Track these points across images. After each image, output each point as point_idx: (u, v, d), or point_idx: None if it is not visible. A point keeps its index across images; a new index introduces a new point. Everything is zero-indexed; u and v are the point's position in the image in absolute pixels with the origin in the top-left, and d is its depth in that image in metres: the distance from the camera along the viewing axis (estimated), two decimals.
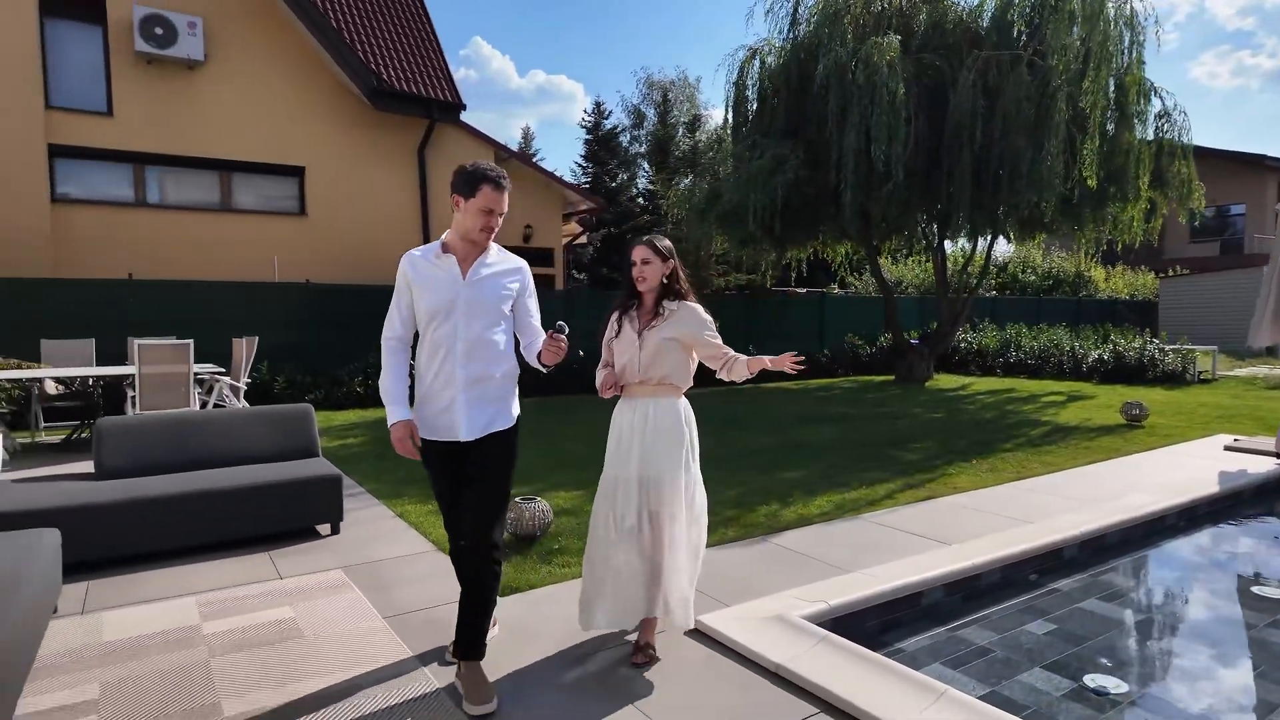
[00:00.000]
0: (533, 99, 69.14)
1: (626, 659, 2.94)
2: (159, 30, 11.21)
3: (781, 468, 6.56)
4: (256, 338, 8.71)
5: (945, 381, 14.50)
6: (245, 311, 10.39)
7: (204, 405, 8.05)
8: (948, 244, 14.91)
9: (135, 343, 7.03)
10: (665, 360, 2.92)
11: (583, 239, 21.04)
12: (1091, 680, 3.02)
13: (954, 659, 3.23)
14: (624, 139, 33.92)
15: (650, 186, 28.92)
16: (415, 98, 13.00)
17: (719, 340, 2.99)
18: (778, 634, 3.00)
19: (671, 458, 2.88)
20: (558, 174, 32.21)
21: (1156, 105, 12.28)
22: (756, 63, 13.28)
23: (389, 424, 2.72)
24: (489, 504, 2.74)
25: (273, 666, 2.89)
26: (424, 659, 2.97)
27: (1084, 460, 6.82)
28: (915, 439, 7.99)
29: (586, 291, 15.05)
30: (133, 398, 7.17)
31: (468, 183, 2.68)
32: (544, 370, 2.84)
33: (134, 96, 11.38)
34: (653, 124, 33.11)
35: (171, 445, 4.70)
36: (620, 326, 3.03)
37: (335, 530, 4.66)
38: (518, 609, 3.48)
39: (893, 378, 15.09)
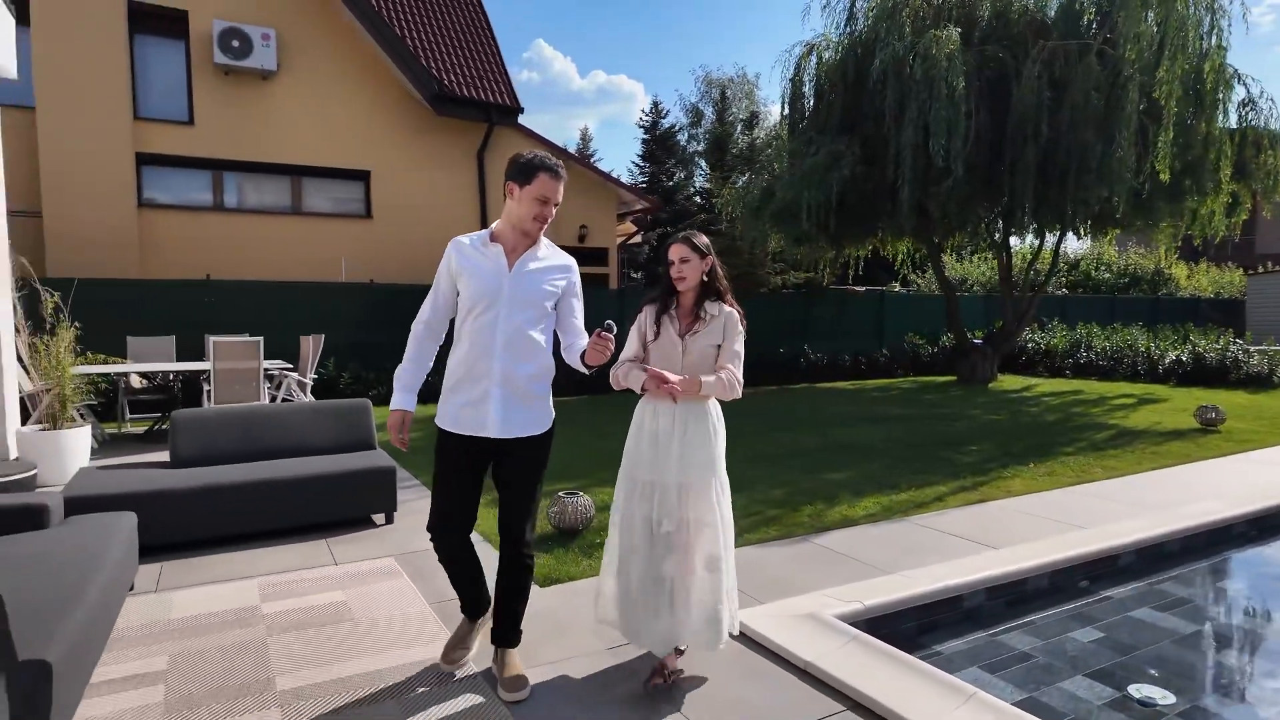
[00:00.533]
0: (593, 100, 69.74)
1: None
2: (235, 43, 11.79)
3: (828, 468, 6.51)
4: (323, 335, 9.09)
5: (1009, 383, 14.06)
6: (313, 310, 10.84)
7: (273, 399, 8.45)
8: (1013, 240, 14.47)
9: (210, 340, 7.44)
10: (706, 367, 2.82)
11: (637, 238, 21.11)
12: (1137, 690, 2.94)
13: (992, 663, 3.18)
14: (681, 138, 33.91)
15: (707, 185, 28.86)
16: (475, 102, 13.32)
17: (739, 351, 2.85)
18: (809, 632, 3.02)
19: (708, 464, 2.77)
20: (614, 174, 32.45)
21: (1240, 93, 11.66)
22: (813, 59, 13.13)
23: (390, 407, 2.73)
24: (525, 507, 2.75)
25: (324, 646, 3.05)
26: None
27: (1150, 466, 6.55)
28: (971, 441, 7.80)
29: (640, 291, 15.09)
30: (208, 391, 7.58)
31: (524, 171, 2.61)
32: (586, 371, 2.74)
33: (212, 106, 12.00)
34: (711, 122, 33.02)
35: (240, 437, 4.98)
36: (660, 328, 2.88)
37: (389, 520, 4.85)
38: (556, 600, 3.58)
39: (954, 378, 14.72)
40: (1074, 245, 24.94)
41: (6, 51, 6.04)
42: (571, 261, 2.85)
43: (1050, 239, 13.50)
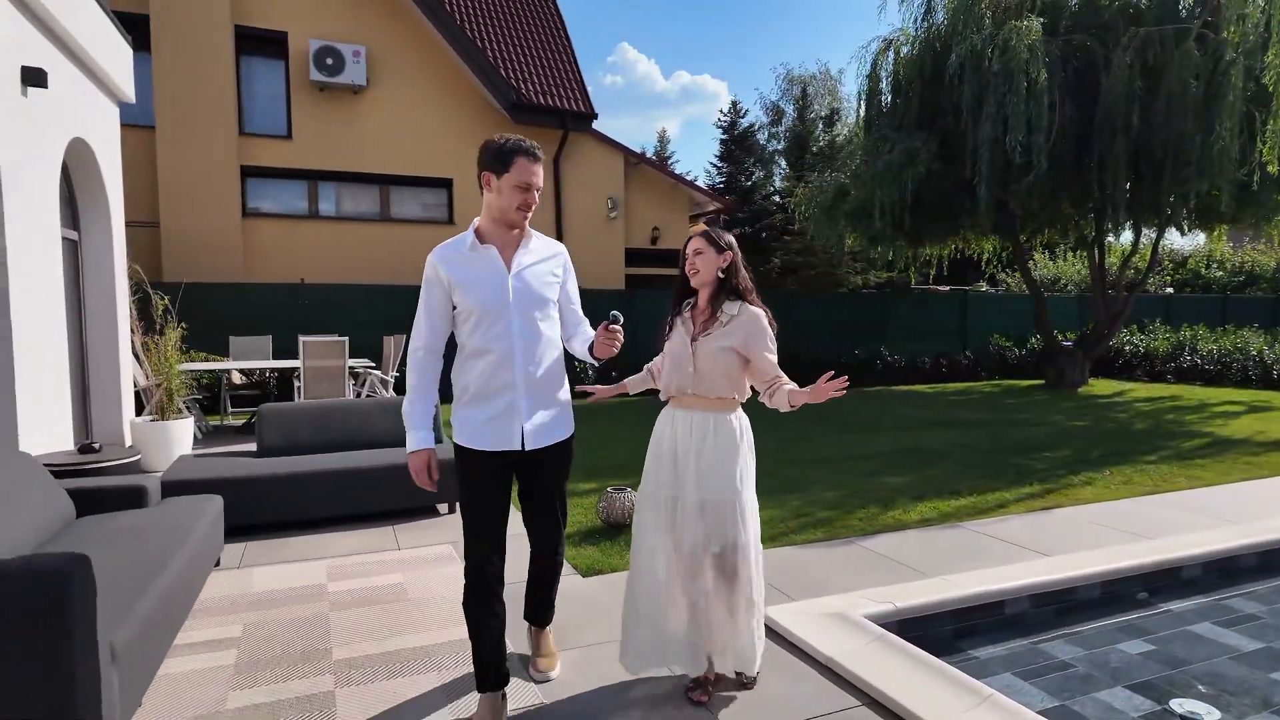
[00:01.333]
0: (677, 100, 69.97)
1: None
2: (329, 60, 12.55)
3: (891, 472, 6.42)
4: (404, 336, 9.59)
5: (1101, 387, 13.36)
6: (397, 311, 11.40)
7: (357, 395, 8.98)
8: (1110, 238, 13.73)
9: (301, 339, 7.99)
10: (721, 372, 2.59)
11: None
12: (1179, 705, 2.85)
13: (1028, 670, 3.13)
14: (761, 136, 33.62)
15: (786, 183, 28.52)
16: (551, 110, 13.70)
17: (774, 359, 2.64)
18: (835, 630, 3.06)
19: (731, 481, 2.56)
20: (691, 175, 32.41)
21: None
22: (891, 54, 12.87)
23: (409, 450, 2.49)
24: (559, 515, 2.70)
25: (379, 623, 3.31)
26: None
27: (1240, 476, 6.16)
28: (1047, 447, 7.51)
29: None
30: (299, 387, 8.15)
31: (499, 157, 2.41)
32: (595, 364, 2.79)
33: (308, 120, 12.81)
34: (791, 120, 32.61)
35: (319, 429, 5.37)
36: (672, 326, 2.72)
37: (451, 509, 5.14)
38: (598, 587, 3.74)
39: (1041, 382, 14.10)
40: (1181, 242, 23.34)
41: (125, 78, 6.70)
42: (561, 247, 2.70)
43: (1148, 235, 12.75)
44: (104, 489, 3.74)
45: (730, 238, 2.69)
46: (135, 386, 7.18)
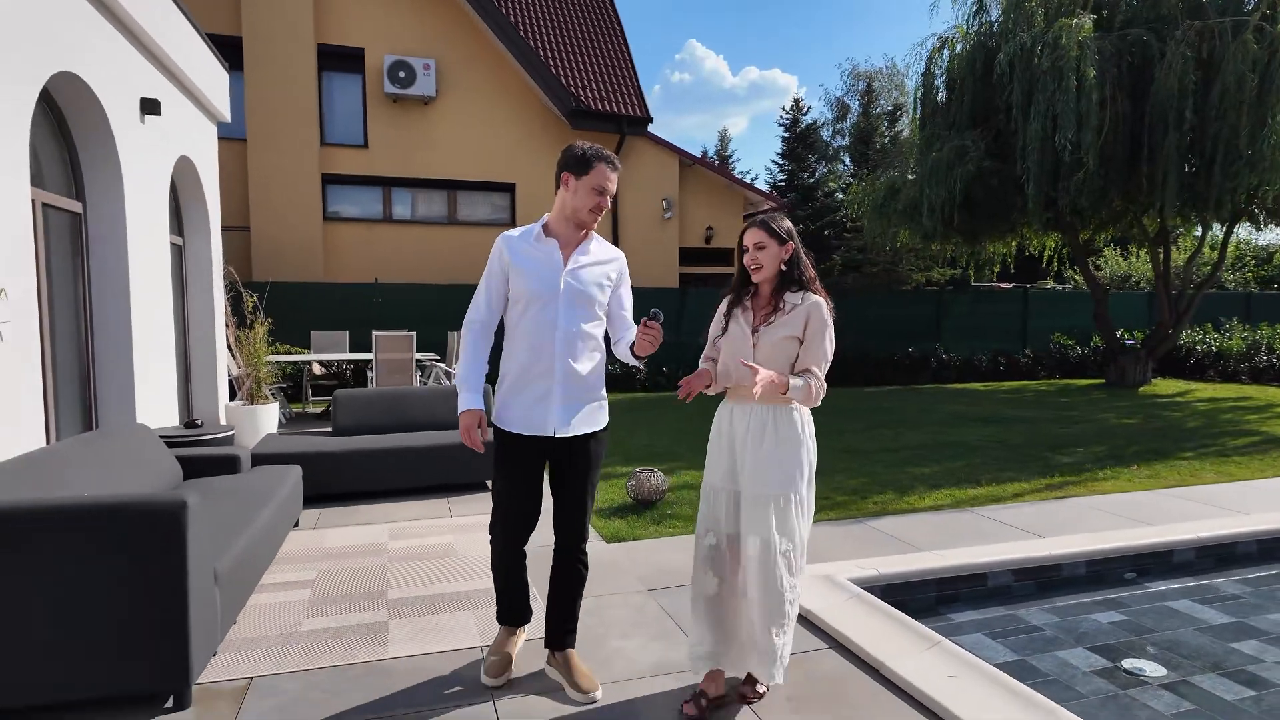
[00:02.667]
0: (745, 97, 69.86)
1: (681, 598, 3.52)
2: (402, 74, 13.40)
3: (918, 464, 6.68)
4: None
5: (1165, 387, 13.05)
6: (463, 309, 12.10)
7: (423, 385, 9.73)
8: (1178, 233, 13.38)
9: (375, 334, 8.75)
10: (783, 363, 2.47)
11: None
12: (1130, 663, 3.13)
13: (998, 632, 3.45)
14: (826, 133, 33.43)
15: (850, 180, 28.36)
16: (608, 115, 14.24)
17: (826, 356, 2.49)
18: (819, 589, 3.45)
19: (788, 477, 2.46)
20: (753, 174, 32.35)
21: None
22: (946, 52, 12.90)
23: (461, 410, 2.63)
24: (586, 506, 2.71)
25: (428, 573, 3.87)
26: (534, 580, 3.80)
27: (1273, 474, 6.17)
28: (1083, 443, 7.59)
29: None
30: (371, 378, 8.92)
31: (581, 162, 2.58)
32: (637, 362, 2.70)
33: (383, 130, 13.71)
34: (856, 116, 32.33)
35: (386, 412, 6.03)
36: (728, 322, 2.60)
37: None
38: (619, 553, 4.21)
39: (1102, 381, 13.86)
40: (1267, 238, 22.22)
41: (223, 101, 7.54)
42: (620, 254, 2.79)
43: (1217, 230, 12.40)
44: (206, 457, 4.44)
45: (789, 225, 2.54)
46: (229, 375, 8.05)
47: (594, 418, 2.69)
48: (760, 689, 2.63)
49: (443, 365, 9.96)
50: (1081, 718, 2.44)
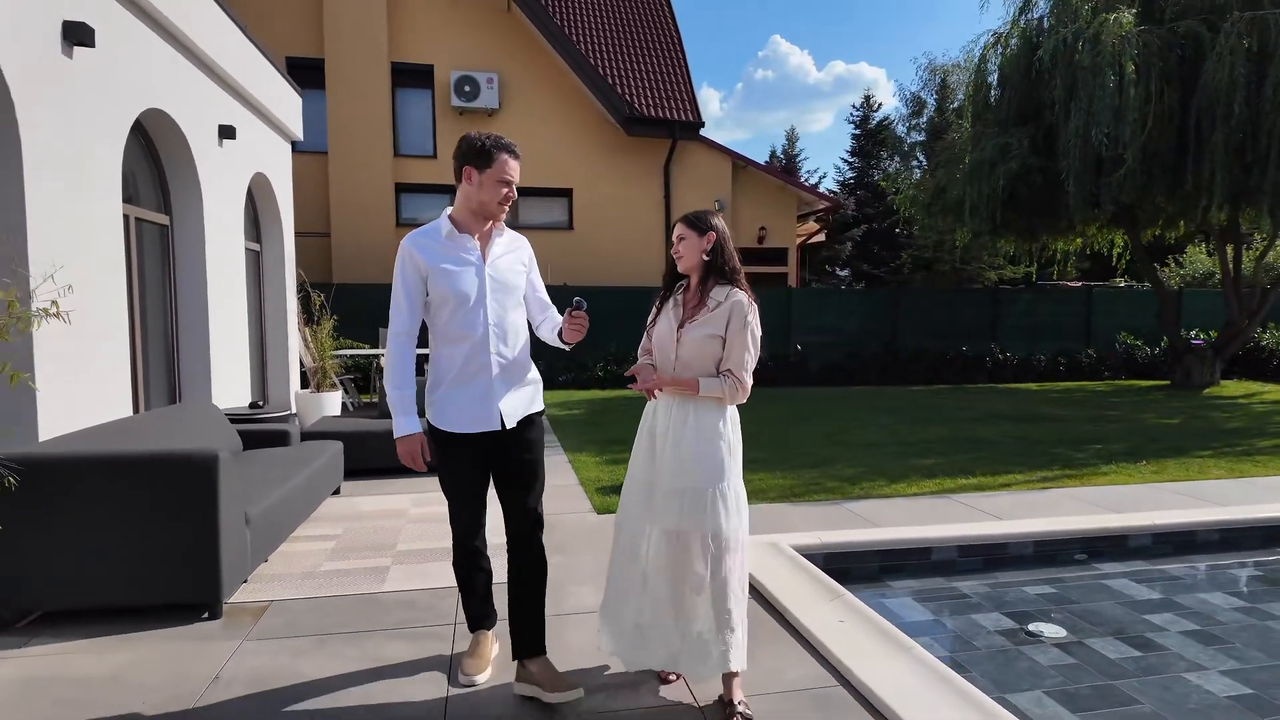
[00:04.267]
0: (831, 92, 69.10)
1: None
2: (467, 87, 14.32)
3: (923, 456, 6.91)
4: None
5: (1233, 389, 12.55)
6: None
7: None
8: (1244, 229, 12.81)
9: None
10: (705, 360, 2.51)
11: (820, 236, 21.31)
12: (1034, 626, 3.43)
13: (926, 597, 3.79)
14: (901, 129, 32.87)
15: (898, 178, 27.89)
16: (661, 121, 14.75)
17: (749, 354, 2.51)
18: (761, 553, 3.87)
19: (712, 470, 2.47)
20: (821, 172, 32.20)
21: None
22: (999, 48, 12.80)
23: (398, 435, 2.55)
24: (538, 486, 2.69)
25: (434, 533, 4.49)
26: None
27: None
28: (1105, 441, 7.61)
29: (805, 292, 15.38)
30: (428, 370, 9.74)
31: (483, 154, 2.49)
32: (566, 348, 2.76)
33: (449, 141, 14.65)
34: (932, 112, 31.70)
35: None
36: (660, 312, 2.67)
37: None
38: (606, 521, 4.73)
39: (1167, 383, 13.41)
40: None
41: (295, 122, 8.48)
42: (524, 239, 2.81)
43: None
44: (262, 432, 5.22)
45: (716, 220, 2.59)
46: (302, 366, 9.01)
47: (534, 401, 2.72)
48: (744, 707, 2.46)
49: None
50: (974, 670, 2.83)
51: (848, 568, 4.03)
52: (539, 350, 2.81)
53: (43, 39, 3.94)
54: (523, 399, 2.67)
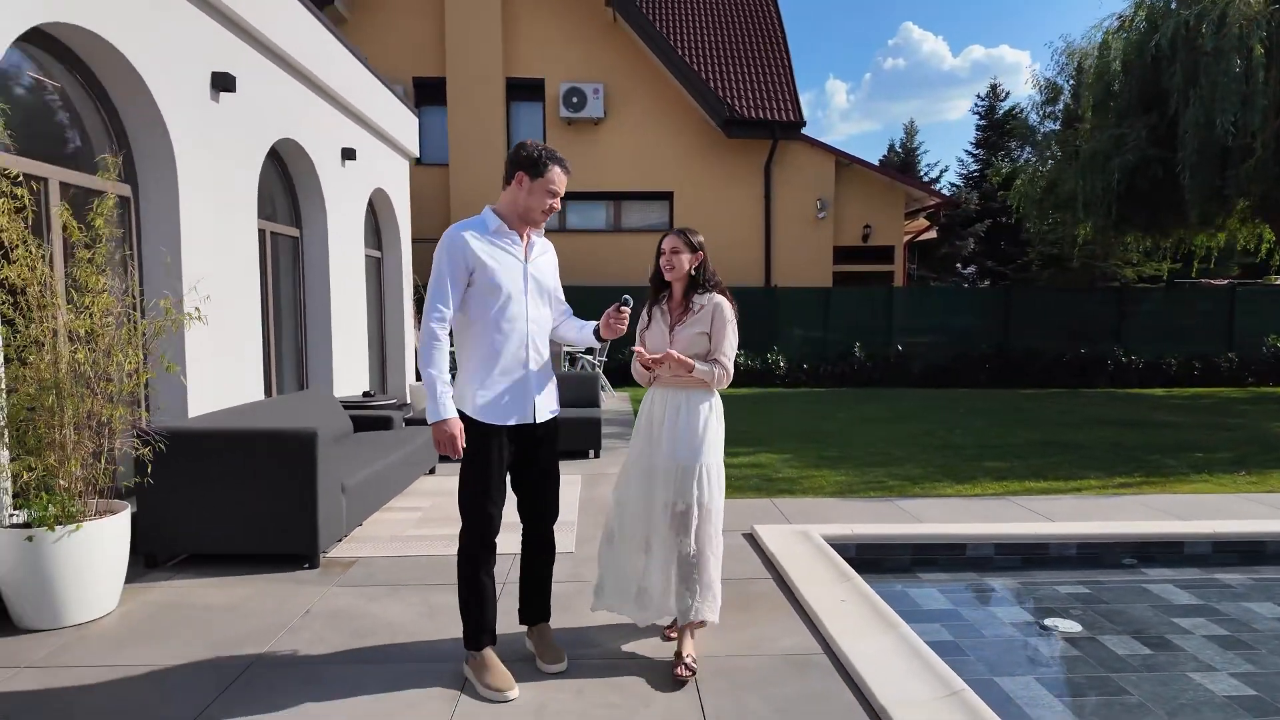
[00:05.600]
0: (968, 78, 66.07)
1: None
2: (575, 99, 15.05)
3: (996, 458, 6.83)
4: None
5: None
6: None
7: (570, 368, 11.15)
8: None
9: None
10: (695, 355, 2.86)
11: (931, 234, 20.60)
12: (1051, 621, 3.52)
13: (951, 590, 3.93)
14: (1034, 117, 31.07)
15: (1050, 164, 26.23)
16: (760, 122, 14.89)
17: (729, 350, 2.90)
18: (790, 540, 4.14)
19: (701, 449, 2.85)
20: (942, 165, 30.80)
21: None
22: (1123, 33, 12.08)
23: (436, 420, 2.57)
24: (556, 486, 2.88)
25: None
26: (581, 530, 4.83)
27: None
28: (1209, 449, 7.19)
29: (908, 291, 15.00)
30: None
31: (536, 164, 2.64)
32: (598, 344, 2.92)
33: (558, 150, 15.40)
34: (1067, 99, 29.75)
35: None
36: (651, 318, 3.01)
37: (596, 455, 6.83)
38: None
39: None
40: None
41: (412, 141, 9.39)
42: (551, 244, 2.96)
43: None
44: (370, 417, 5.98)
45: (701, 238, 2.96)
46: (418, 363, 9.95)
47: (556, 400, 2.89)
48: (692, 660, 2.78)
49: (589, 356, 11.32)
50: (973, 655, 3.04)
51: (879, 559, 4.23)
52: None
53: (196, 88, 4.79)
54: (551, 395, 2.85)
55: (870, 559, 4.19)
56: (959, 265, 28.25)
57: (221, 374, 4.99)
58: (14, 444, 3.19)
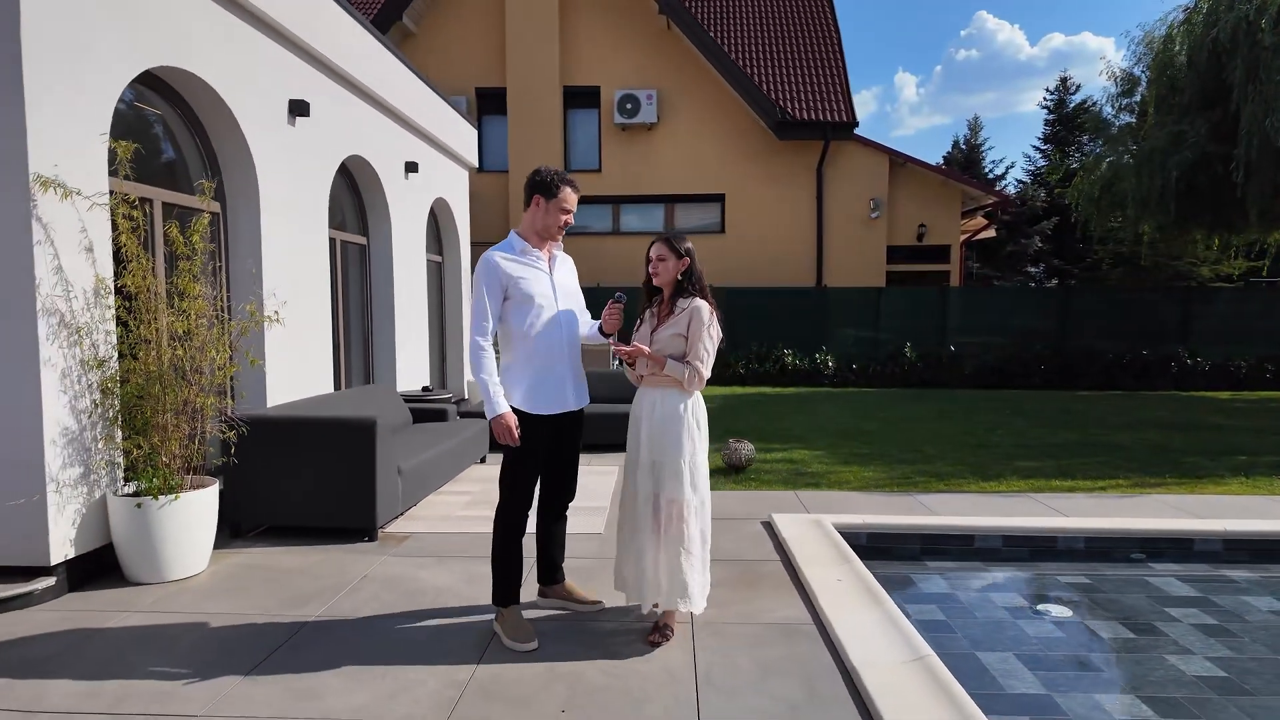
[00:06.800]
0: (1046, 68, 64.00)
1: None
2: (629, 105, 15.49)
3: (1034, 458, 6.92)
4: None
5: None
6: None
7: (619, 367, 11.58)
8: None
9: None
10: (672, 353, 3.07)
11: (989, 232, 20.16)
12: (1043, 606, 3.74)
13: (955, 577, 4.17)
14: (1109, 110, 29.95)
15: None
16: (813, 124, 15.02)
17: (706, 351, 3.07)
18: (803, 526, 4.44)
19: (674, 446, 3.05)
20: (1008, 162, 29.99)
21: None
22: (1188, 26, 11.78)
23: (493, 415, 2.97)
24: (577, 464, 3.34)
25: None
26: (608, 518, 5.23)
27: None
28: (1255, 453, 7.10)
29: (962, 291, 14.81)
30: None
31: (549, 186, 3.05)
32: (605, 338, 3.24)
33: (613, 155, 15.93)
34: (1143, 92, 28.59)
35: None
36: (642, 320, 3.25)
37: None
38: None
39: None
40: None
41: (471, 152, 9.98)
42: (569, 256, 3.37)
43: None
44: (428, 410, 6.52)
45: (689, 244, 3.14)
46: None
47: (587, 392, 3.31)
48: (669, 631, 3.09)
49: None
50: (961, 633, 3.35)
51: (888, 547, 4.49)
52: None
53: (275, 115, 5.38)
54: (582, 387, 3.26)
55: (881, 547, 4.46)
56: (1027, 264, 27.51)
57: (296, 368, 5.58)
58: (126, 426, 3.78)
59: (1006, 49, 65.68)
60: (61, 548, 3.55)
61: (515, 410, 3.04)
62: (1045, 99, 28.89)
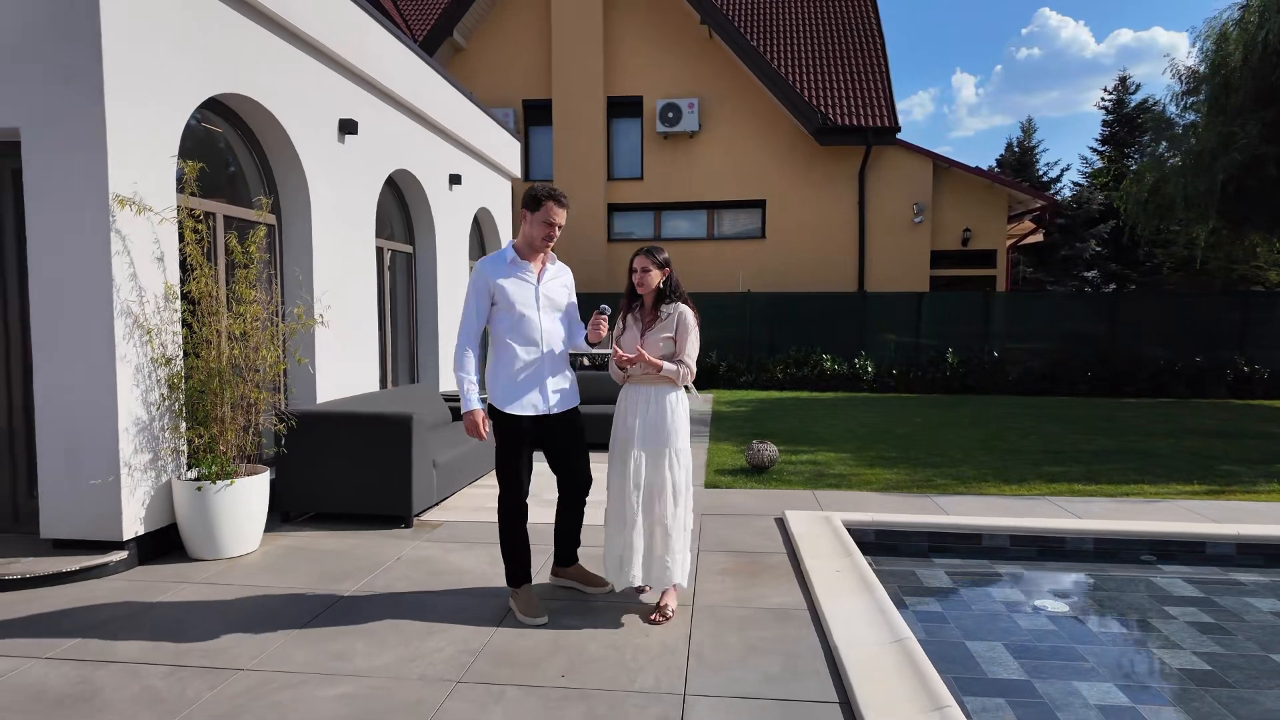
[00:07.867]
0: (1113, 64, 62.14)
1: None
2: (670, 114, 15.76)
3: (1062, 463, 6.91)
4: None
5: None
6: (710, 312, 14.07)
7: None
8: None
9: None
10: (666, 355, 3.35)
11: (1037, 236, 19.73)
12: (1040, 600, 3.85)
13: (958, 572, 4.29)
14: (1174, 109, 29.00)
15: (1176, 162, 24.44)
16: (854, 129, 15.05)
17: (692, 351, 3.39)
18: (812, 522, 4.62)
19: (666, 436, 3.35)
20: (1064, 164, 29.27)
21: None
22: (1243, 25, 11.49)
23: (467, 410, 3.28)
24: (585, 462, 3.58)
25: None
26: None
27: None
28: None
29: (1006, 296, 14.56)
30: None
31: (534, 201, 3.31)
32: (590, 347, 3.48)
33: (655, 163, 16.22)
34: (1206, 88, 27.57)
35: (592, 391, 8.13)
36: (625, 325, 3.52)
37: None
38: (699, 493, 5.70)
39: None
40: None
41: (514, 164, 10.39)
42: (567, 268, 3.60)
43: None
44: None
45: (666, 255, 3.49)
46: None
47: (572, 397, 3.50)
48: (669, 610, 3.35)
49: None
50: (954, 623, 3.51)
51: (896, 545, 4.64)
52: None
53: (326, 133, 5.82)
54: (564, 391, 3.46)
55: (888, 544, 4.62)
56: (1082, 269, 26.79)
57: (345, 368, 6.00)
58: (189, 417, 4.21)
59: (1070, 46, 63.99)
60: (132, 525, 3.98)
61: (495, 409, 3.36)
62: (1104, 99, 28.13)
